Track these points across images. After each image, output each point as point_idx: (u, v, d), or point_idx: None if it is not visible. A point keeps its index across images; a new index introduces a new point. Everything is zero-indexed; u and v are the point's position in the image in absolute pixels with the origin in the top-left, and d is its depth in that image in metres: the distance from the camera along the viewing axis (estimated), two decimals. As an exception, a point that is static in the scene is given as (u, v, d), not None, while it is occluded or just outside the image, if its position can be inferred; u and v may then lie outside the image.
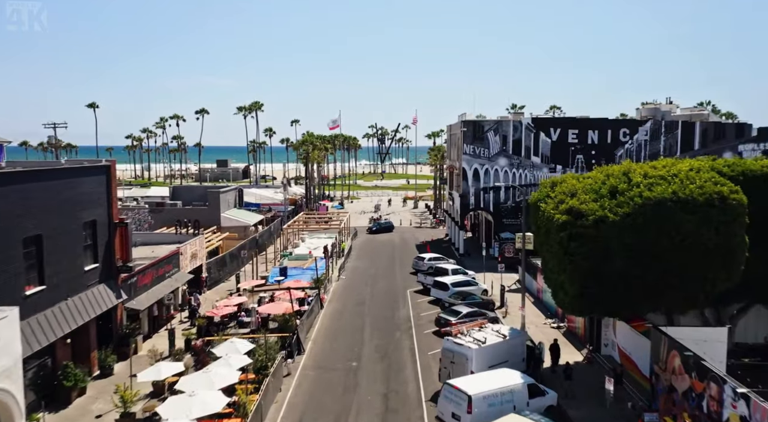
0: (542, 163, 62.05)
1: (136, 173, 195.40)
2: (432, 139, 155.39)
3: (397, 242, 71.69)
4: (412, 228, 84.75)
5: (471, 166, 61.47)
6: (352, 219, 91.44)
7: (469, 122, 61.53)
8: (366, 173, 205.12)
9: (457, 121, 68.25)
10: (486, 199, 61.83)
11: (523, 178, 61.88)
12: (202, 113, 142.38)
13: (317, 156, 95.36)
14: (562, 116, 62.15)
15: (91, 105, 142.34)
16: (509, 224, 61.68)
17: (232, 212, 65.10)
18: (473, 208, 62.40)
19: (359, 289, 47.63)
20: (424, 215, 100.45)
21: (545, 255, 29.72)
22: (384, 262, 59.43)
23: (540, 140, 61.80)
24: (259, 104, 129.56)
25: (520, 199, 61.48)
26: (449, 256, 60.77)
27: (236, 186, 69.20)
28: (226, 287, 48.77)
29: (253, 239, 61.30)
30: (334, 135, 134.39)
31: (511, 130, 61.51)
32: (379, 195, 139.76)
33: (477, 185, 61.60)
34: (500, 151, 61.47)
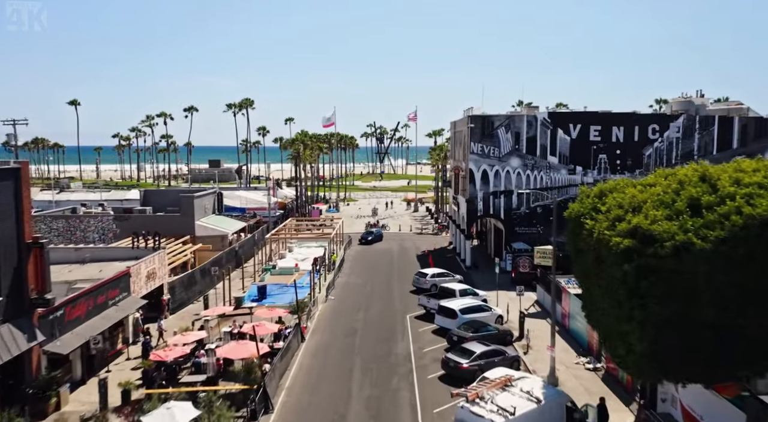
0: (560, 163, 54.64)
1: (124, 173, 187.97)
2: (433, 138, 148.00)
3: (395, 252, 64.25)
4: (413, 235, 77.31)
5: (479, 167, 54.07)
6: (347, 224, 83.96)
7: (477, 117, 54.13)
8: (364, 174, 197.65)
9: (462, 116, 60.84)
10: (496, 204, 54.42)
11: (539, 180, 54.47)
12: (190, 111, 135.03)
13: (309, 156, 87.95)
14: (582, 111, 54.39)
15: (72, 102, 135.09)
16: (523, 233, 54.31)
17: (209, 220, 57.64)
18: (482, 215, 55.00)
19: (350, 314, 40.19)
20: (425, 219, 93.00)
21: (591, 288, 22.31)
22: (380, 277, 51.98)
23: (558, 138, 54.37)
24: (249, 101, 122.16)
25: (535, 205, 54.20)
26: (454, 269, 53.37)
27: (214, 189, 61.85)
28: (195, 309, 41.34)
29: (231, 251, 53.88)
30: (329, 134, 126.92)
31: (524, 126, 54.09)
32: (377, 197, 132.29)
33: (486, 189, 54.20)
34: (512, 150, 54.05)
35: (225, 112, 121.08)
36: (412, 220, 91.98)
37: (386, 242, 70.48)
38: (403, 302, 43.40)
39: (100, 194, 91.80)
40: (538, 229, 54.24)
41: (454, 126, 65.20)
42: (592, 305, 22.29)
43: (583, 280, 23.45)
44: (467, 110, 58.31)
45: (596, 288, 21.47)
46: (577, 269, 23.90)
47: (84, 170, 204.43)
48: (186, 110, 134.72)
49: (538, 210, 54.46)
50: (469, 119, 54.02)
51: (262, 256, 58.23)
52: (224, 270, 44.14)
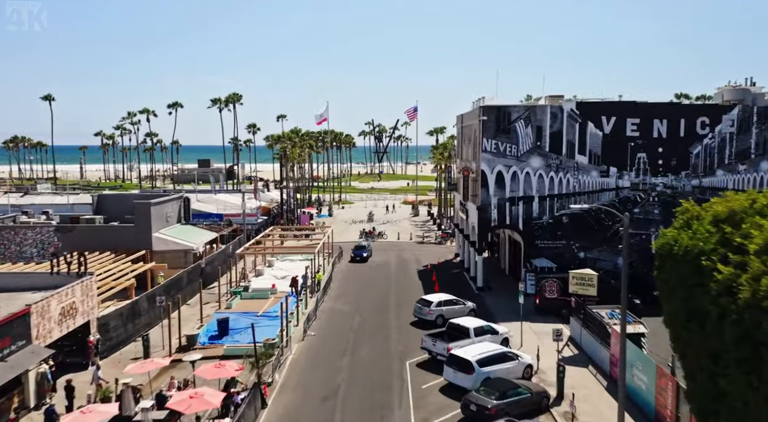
0: (590, 164, 45.52)
1: (111, 173, 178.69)
2: (434, 136, 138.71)
3: (393, 267, 55.09)
4: (413, 245, 68.14)
5: (493, 168, 44.95)
6: (340, 231, 74.90)
7: (491, 109, 44.98)
8: (362, 174, 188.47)
9: (472, 108, 51.73)
10: (514, 213, 45.30)
11: (565, 184, 45.37)
12: (174, 107, 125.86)
13: (298, 155, 78.82)
14: (617, 100, 45.16)
15: (46, 97, 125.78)
16: (545, 248, 45.22)
17: (171, 231, 48.50)
18: (496, 225, 45.87)
19: (332, 360, 31.03)
20: (426, 225, 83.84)
21: (706, 366, 13.28)
22: (374, 301, 42.83)
23: (588, 133, 45.25)
24: (237, 96, 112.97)
25: (560, 213, 45.09)
26: (463, 291, 44.41)
27: (179, 195, 52.68)
28: (135, 351, 32.26)
29: (195, 269, 44.77)
30: (323, 131, 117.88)
31: (547, 119, 44.96)
32: (375, 199, 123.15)
33: (501, 194, 45.09)
34: (533, 148, 44.94)
35: (210, 108, 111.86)
36: (412, 226, 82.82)
37: (383, 254, 61.32)
38: (402, 339, 34.25)
39: (67, 197, 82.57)
40: (565, 243, 45.15)
41: (461, 120, 56.07)
42: (705, 388, 13.21)
43: (691, 350, 14.37)
44: (478, 100, 49.22)
45: (720, 369, 12.42)
46: (682, 334, 14.81)
47: (67, 171, 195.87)
48: (170, 106, 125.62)
49: (563, 220, 45.37)
50: (481, 111, 44.91)
51: (237, 273, 49.07)
52: (178, 297, 34.91)
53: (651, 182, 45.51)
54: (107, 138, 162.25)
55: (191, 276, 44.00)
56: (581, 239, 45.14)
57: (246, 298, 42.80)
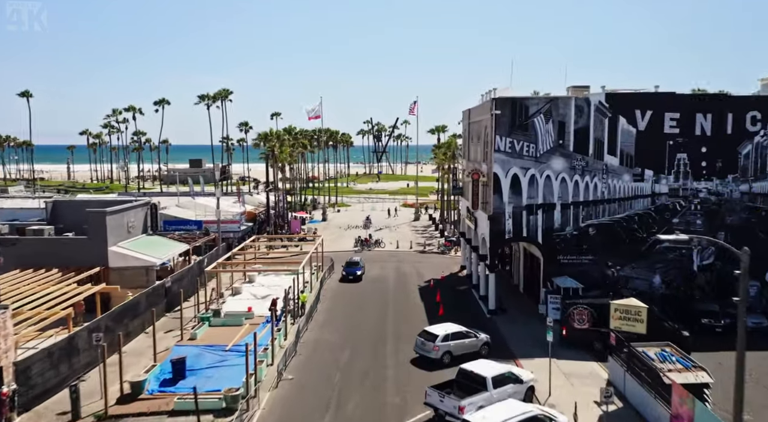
0: (622, 165, 38.89)
1: (101, 174, 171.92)
2: (435, 134, 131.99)
3: (391, 283, 48.43)
4: (413, 254, 61.48)
5: (507, 170, 38.33)
6: (333, 239, 68.33)
7: (505, 101, 38.34)
8: (360, 175, 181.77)
9: (481, 102, 45.13)
10: (531, 223, 38.68)
11: (592, 190, 38.75)
12: (161, 104, 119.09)
13: (288, 155, 72.08)
14: (654, 91, 38.40)
15: (23, 94, 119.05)
16: (569, 264, 38.65)
17: (133, 243, 41.88)
18: (511, 237, 39.21)
19: (310, 419, 24.34)
20: (428, 231, 77.18)
21: None
22: (367, 330, 36.19)
23: (619, 130, 38.64)
24: (226, 92, 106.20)
25: (586, 224, 38.54)
26: (472, 313, 37.99)
27: (146, 200, 45.99)
28: (63, 402, 25.61)
29: (158, 290, 38.17)
30: (317, 130, 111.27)
31: (571, 113, 38.34)
32: (373, 201, 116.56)
33: (517, 201, 38.47)
34: (555, 147, 38.35)
35: (197, 104, 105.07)
36: (413, 232, 76.17)
37: (380, 266, 54.69)
38: (400, 384, 27.57)
39: (38, 202, 75.96)
40: (592, 258, 38.56)
41: (468, 116, 49.39)
42: None
43: None
44: (488, 92, 42.60)
45: None
46: None
47: (54, 171, 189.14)
48: (156, 103, 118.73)
49: (590, 232, 38.74)
50: (493, 104, 38.26)
51: (210, 293, 42.40)
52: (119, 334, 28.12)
53: (693, 187, 38.88)
54: (94, 137, 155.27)
55: (153, 298, 37.41)
56: (611, 254, 38.56)
57: (216, 325, 36.17)
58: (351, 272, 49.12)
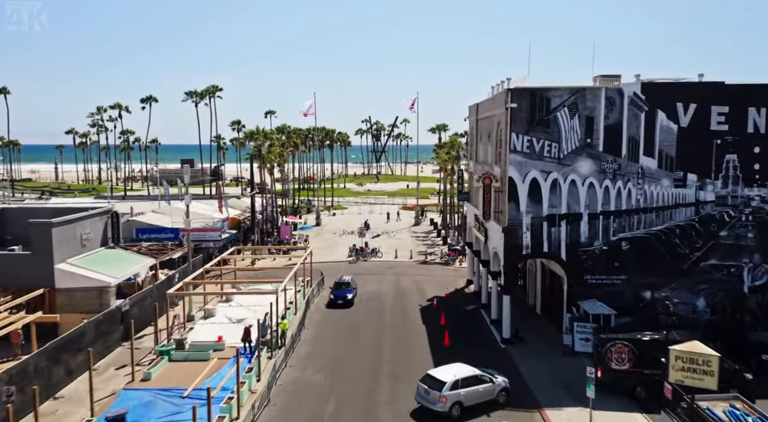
0: (661, 169, 32.93)
1: (92, 175, 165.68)
2: (436, 133, 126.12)
3: (388, 302, 42.44)
4: (414, 266, 55.49)
5: (525, 174, 32.40)
6: (327, 247, 62.47)
7: (523, 92, 32.37)
8: (358, 175, 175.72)
9: (492, 94, 39.21)
10: (553, 236, 32.73)
11: (625, 197, 32.81)
12: (149, 101, 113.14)
13: (276, 155, 66.06)
14: (698, 81, 32.25)
15: (0, 91, 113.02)
16: (597, 284, 32.72)
17: (86, 259, 35.91)
18: (529, 253, 33.22)
19: None
20: (429, 237, 71.22)
21: None
22: (359, 367, 30.21)
23: (657, 126, 32.69)
24: (215, 88, 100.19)
25: (617, 237, 32.67)
26: (483, 340, 32.23)
27: (104, 208, 39.99)
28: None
29: (112, 315, 32.24)
30: (312, 128, 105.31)
31: (601, 106, 32.39)
32: (371, 203, 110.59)
33: (536, 211, 32.53)
34: (581, 146, 32.41)
35: (184, 101, 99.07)
36: (413, 239, 70.22)
37: (376, 280, 48.77)
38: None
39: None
40: (625, 278, 32.64)
41: (476, 111, 43.39)
42: None
43: None
44: (501, 82, 36.70)
45: None
46: None
47: (46, 170, 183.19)
48: (143, 101, 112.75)
49: (623, 246, 32.80)
50: (508, 95, 32.29)
51: (178, 318, 36.45)
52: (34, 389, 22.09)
53: (744, 194, 32.93)
54: (80, 136, 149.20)
55: (107, 326, 31.53)
56: (647, 273, 32.64)
57: (178, 359, 30.23)
58: (340, 296, 41.44)
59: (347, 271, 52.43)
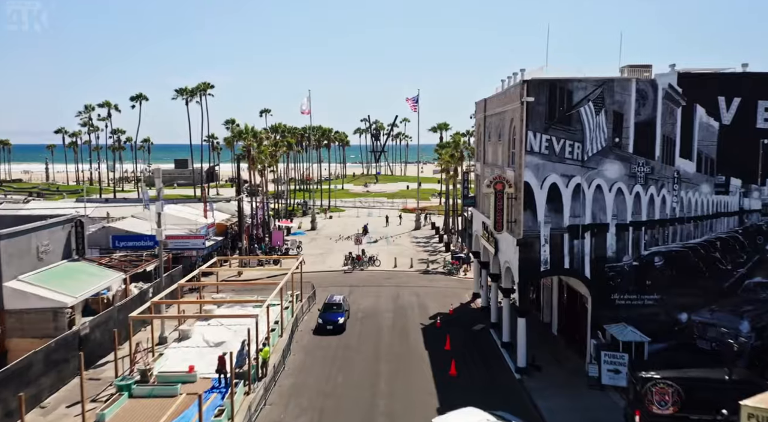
0: (700, 172, 28.62)
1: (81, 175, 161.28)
2: (437, 133, 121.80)
3: (386, 321, 38.07)
4: (415, 276, 51.17)
5: (543, 179, 28.10)
6: (320, 254, 58.24)
7: (541, 84, 28.04)
8: (357, 175, 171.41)
9: (503, 88, 34.93)
10: (576, 250, 28.43)
11: (659, 205, 28.51)
12: (138, 100, 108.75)
13: (267, 155, 61.69)
14: (742, 72, 27.81)
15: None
16: (626, 305, 28.42)
17: (42, 275, 31.59)
18: (548, 269, 28.89)
19: None
20: (431, 243, 66.90)
21: None
22: (350, 406, 25.89)
23: (696, 123, 28.39)
24: (206, 85, 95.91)
25: (649, 251, 28.42)
26: (495, 369, 28.00)
27: (66, 216, 35.61)
28: None
29: (65, 341, 27.94)
30: (308, 127, 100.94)
31: (631, 100, 28.09)
32: (370, 205, 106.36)
33: (557, 221, 28.23)
34: (609, 146, 28.12)
35: (174, 99, 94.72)
36: (414, 244, 65.93)
37: (374, 293, 44.50)
38: None
39: None
40: (658, 298, 28.36)
41: (484, 107, 39.01)
42: None
43: None
44: (514, 74, 32.41)
45: None
46: None
47: (39, 171, 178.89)
48: (133, 99, 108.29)
49: (656, 263, 28.51)
50: (524, 88, 27.97)
51: (139, 349, 32.16)
52: None
53: (795, 201, 28.63)
54: (70, 136, 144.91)
55: (60, 354, 27.27)
56: (683, 293, 28.36)
57: (140, 395, 25.93)
58: (330, 320, 35.21)
59: (342, 281, 48.25)
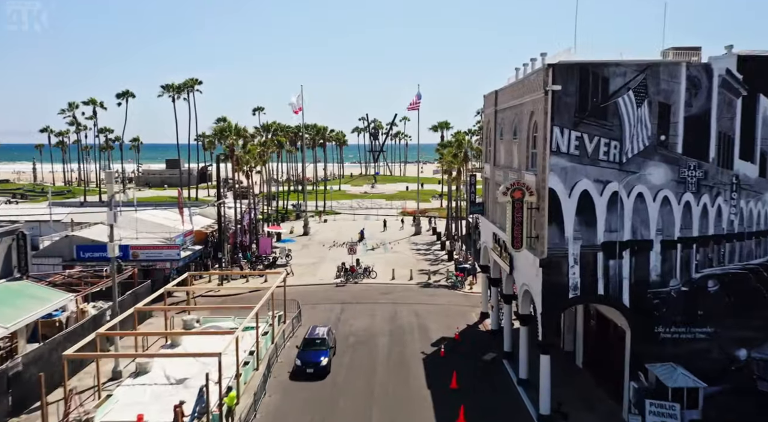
0: (764, 177, 23.42)
1: (69, 176, 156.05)
2: (438, 132, 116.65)
3: (381, 349, 32.79)
4: (415, 291, 45.95)
5: (573, 185, 22.91)
6: (312, 264, 53.01)
7: (570, 69, 22.81)
8: (355, 176, 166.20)
9: (517, 77, 29.73)
10: (612, 272, 23.23)
11: (714, 218, 23.32)
12: (125, 97, 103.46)
13: (254, 155, 56.49)
14: (816, 53, 22.99)
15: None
16: (672, 339, 23.25)
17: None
18: (578, 297, 23.65)
19: None
20: (432, 251, 61.66)
21: None
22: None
23: (760, 117, 23.20)
24: (194, 81, 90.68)
25: (701, 274, 23.22)
26: (508, 406, 23.01)
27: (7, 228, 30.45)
28: None
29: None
30: (303, 126, 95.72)
31: (681, 89, 22.88)
32: (367, 208, 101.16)
33: (588, 236, 23.03)
34: (652, 145, 22.92)
35: (160, 96, 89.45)
36: (413, 252, 60.74)
37: (368, 313, 39.35)
38: None
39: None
40: (711, 331, 23.19)
41: (495, 100, 33.69)
42: None
43: None
44: (532, 61, 27.22)
45: None
46: None
47: (25, 171, 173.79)
48: (119, 96, 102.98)
49: (709, 288, 23.33)
50: (548, 73, 22.75)
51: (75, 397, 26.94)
52: None
53: None
54: (56, 135, 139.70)
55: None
56: (743, 324, 23.24)
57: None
58: (310, 362, 28.21)
59: (333, 297, 43.12)
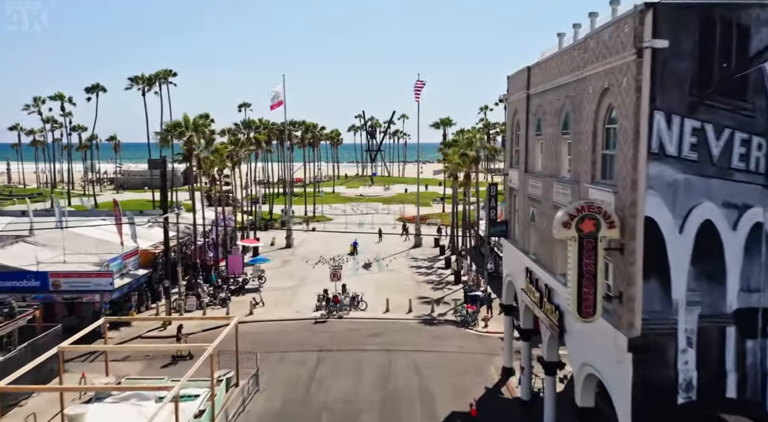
0: None
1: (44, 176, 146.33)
2: (440, 129, 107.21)
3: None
4: (414, 329, 36.15)
5: (686, 211, 13.11)
6: (289, 288, 43.04)
7: (685, 14, 13.05)
8: (350, 176, 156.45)
9: (563, 43, 19.96)
10: (749, 361, 13.46)
11: None
12: (95, 91, 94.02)
13: (222, 157, 46.73)
14: None
15: None
16: None
17: None
18: (692, 402, 13.91)
19: None
20: (435, 268, 51.84)
21: None
22: None
23: None
24: (167, 72, 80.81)
25: None
26: None
27: None
28: None
29: None
30: (291, 122, 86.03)
31: None
32: (363, 211, 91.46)
33: (711, 298, 13.25)
34: (824, 144, 13.13)
35: (128, 89, 79.53)
36: (413, 270, 51.00)
37: (352, 366, 29.67)
38: None
39: None
40: None
41: (527, 82, 23.87)
42: None
43: None
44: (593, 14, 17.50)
45: None
46: None
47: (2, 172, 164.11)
48: (89, 90, 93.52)
49: None
50: (644, 20, 13.02)
51: None
52: None
53: None
54: (26, 134, 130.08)
55: None
56: None
57: None
58: None
59: (308, 341, 33.39)
